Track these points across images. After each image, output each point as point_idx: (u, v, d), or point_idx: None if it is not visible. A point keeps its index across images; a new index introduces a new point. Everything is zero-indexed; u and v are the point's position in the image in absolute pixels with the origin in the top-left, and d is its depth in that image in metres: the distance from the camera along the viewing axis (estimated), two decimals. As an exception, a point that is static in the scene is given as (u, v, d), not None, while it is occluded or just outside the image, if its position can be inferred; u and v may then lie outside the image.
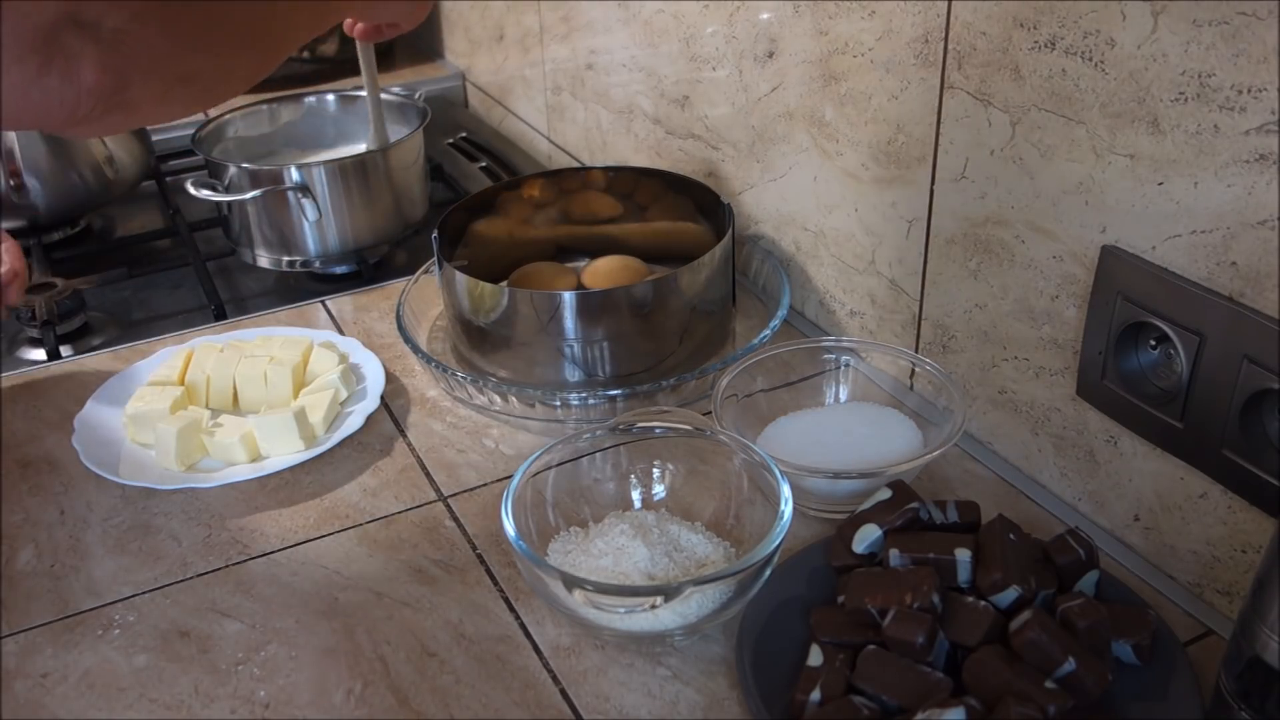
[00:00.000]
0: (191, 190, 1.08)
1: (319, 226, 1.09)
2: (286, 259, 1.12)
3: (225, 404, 0.88)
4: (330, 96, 1.24)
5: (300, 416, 0.81)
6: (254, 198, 1.07)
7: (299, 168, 1.07)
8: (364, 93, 1.19)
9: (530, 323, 0.85)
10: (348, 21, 0.93)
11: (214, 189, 1.09)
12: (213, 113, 1.20)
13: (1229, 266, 0.59)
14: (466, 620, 0.68)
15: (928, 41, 0.74)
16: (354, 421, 0.84)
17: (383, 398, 0.89)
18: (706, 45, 0.99)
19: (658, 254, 1.00)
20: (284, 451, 0.81)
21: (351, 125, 1.24)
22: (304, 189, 1.06)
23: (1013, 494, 0.76)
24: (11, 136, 1.20)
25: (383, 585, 0.71)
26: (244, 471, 0.80)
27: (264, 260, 1.12)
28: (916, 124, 0.77)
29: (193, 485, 0.78)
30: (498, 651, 0.65)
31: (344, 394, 0.86)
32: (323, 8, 0.63)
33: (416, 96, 1.21)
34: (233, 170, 1.08)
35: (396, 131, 1.16)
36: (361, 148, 1.15)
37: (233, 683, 0.64)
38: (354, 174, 1.09)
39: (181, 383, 0.88)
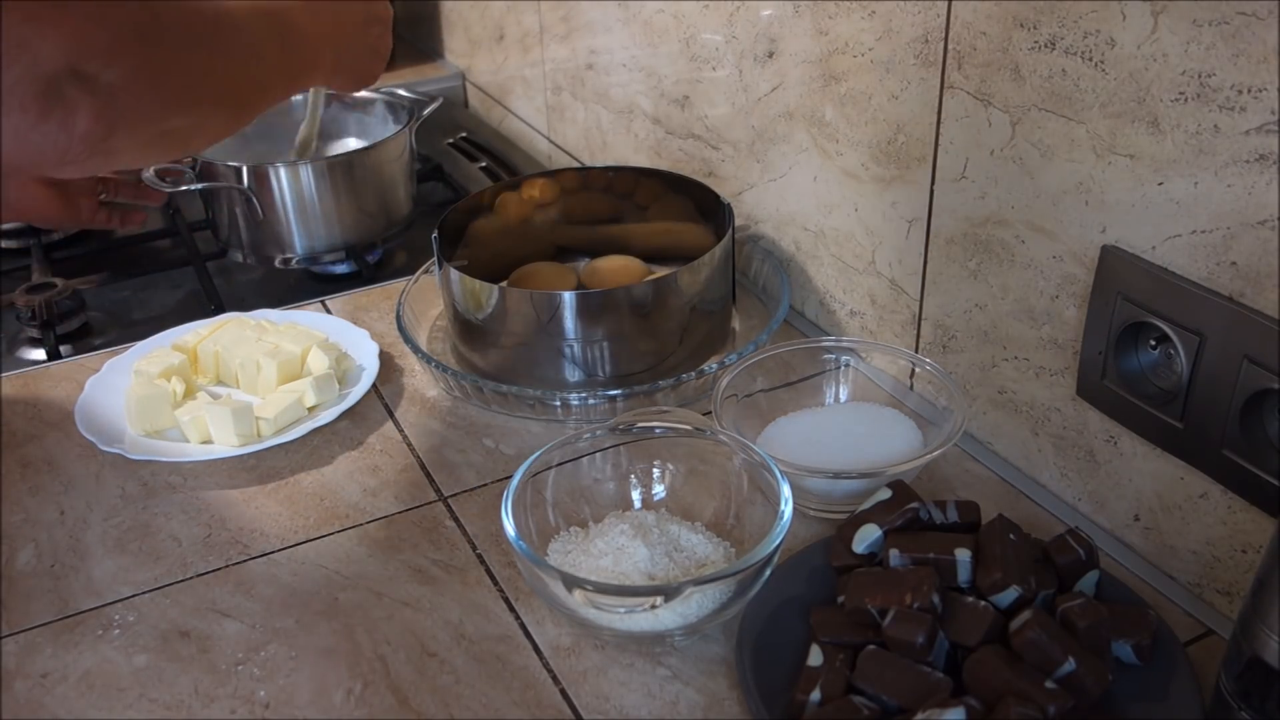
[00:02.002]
0: (144, 175, 1.07)
1: (281, 227, 1.09)
2: (262, 256, 1.12)
3: (231, 380, 0.90)
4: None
5: (242, 412, 0.81)
6: (199, 190, 1.08)
7: (253, 167, 1.07)
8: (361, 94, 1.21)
9: (530, 323, 0.85)
10: None
11: (163, 179, 1.08)
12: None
13: (1229, 266, 0.59)
14: (466, 620, 0.68)
15: (928, 41, 0.74)
16: (314, 422, 0.84)
17: (383, 397, 0.89)
18: (706, 45, 0.99)
19: (658, 254, 1.00)
20: (223, 442, 0.82)
21: (346, 126, 1.24)
22: (249, 189, 1.06)
23: (1013, 494, 0.76)
24: None
25: (383, 585, 0.71)
26: (193, 451, 0.82)
27: (252, 260, 1.13)
28: (916, 124, 0.77)
29: (146, 457, 0.81)
30: (498, 651, 0.65)
31: (313, 399, 0.86)
32: (290, 78, 0.70)
33: (425, 110, 1.19)
34: (190, 163, 1.08)
35: (381, 132, 1.16)
36: (345, 148, 1.16)
37: (233, 683, 0.64)
38: (320, 175, 1.08)
39: (194, 350, 0.91)
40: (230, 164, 1.07)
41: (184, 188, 1.07)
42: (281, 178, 1.07)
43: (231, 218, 1.11)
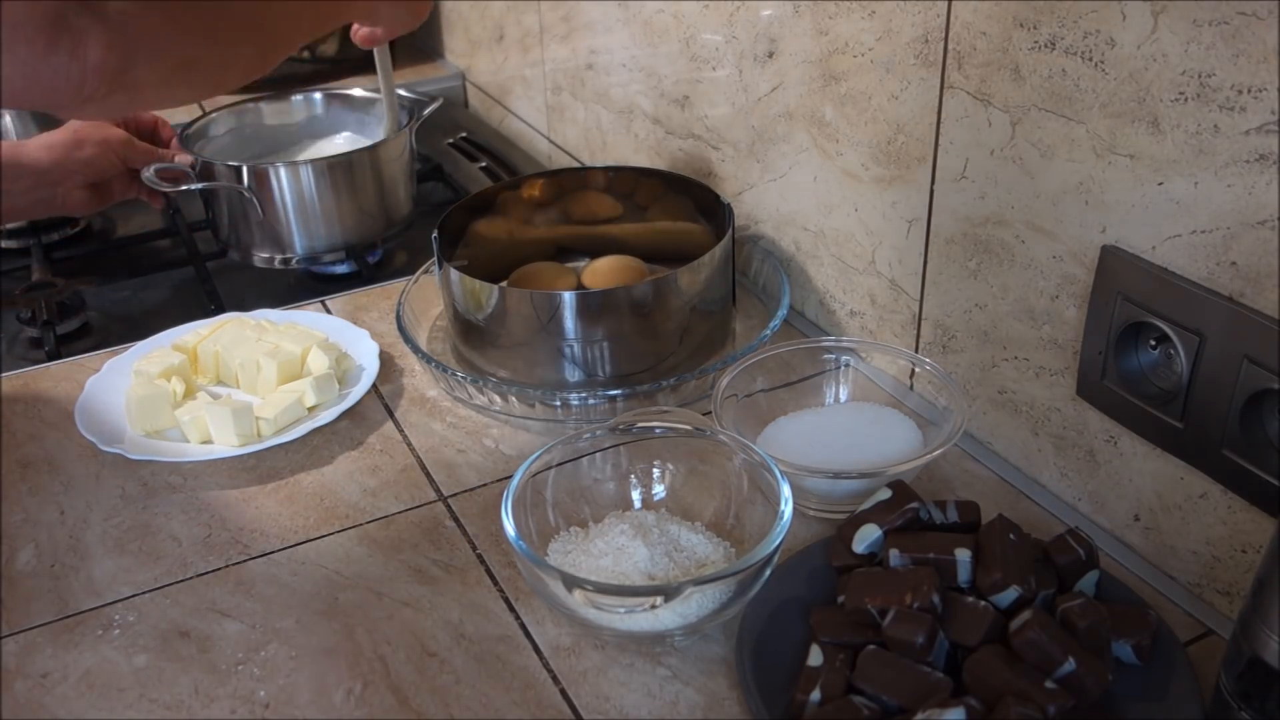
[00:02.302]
0: (144, 175, 1.07)
1: (281, 227, 1.09)
2: (262, 256, 1.12)
3: (231, 380, 0.90)
4: (318, 95, 1.24)
5: (242, 413, 0.81)
6: (199, 190, 1.08)
7: (250, 167, 1.07)
8: (356, 91, 1.21)
9: (530, 323, 0.85)
10: (353, 27, 0.94)
11: (163, 179, 1.08)
12: (207, 105, 1.20)
13: (1229, 266, 0.59)
14: (466, 620, 0.68)
15: (928, 41, 0.74)
16: (314, 422, 0.84)
17: (383, 397, 0.89)
18: (706, 45, 0.99)
19: (658, 254, 1.00)
20: (223, 442, 0.82)
21: (346, 125, 1.24)
22: (249, 189, 1.06)
23: (1013, 494, 0.76)
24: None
25: (383, 585, 0.71)
26: (193, 451, 0.82)
27: (252, 260, 1.13)
28: (916, 124, 0.77)
29: (146, 457, 0.81)
30: (498, 651, 0.65)
31: (313, 399, 0.86)
32: (324, 10, 0.66)
33: (425, 110, 1.20)
34: (191, 163, 1.08)
35: (381, 132, 1.17)
36: (340, 149, 1.16)
37: (233, 683, 0.64)
38: (321, 174, 1.08)
39: (194, 350, 0.91)
40: (230, 164, 1.07)
41: (184, 187, 1.07)
42: (281, 178, 1.07)
43: (231, 218, 1.11)
